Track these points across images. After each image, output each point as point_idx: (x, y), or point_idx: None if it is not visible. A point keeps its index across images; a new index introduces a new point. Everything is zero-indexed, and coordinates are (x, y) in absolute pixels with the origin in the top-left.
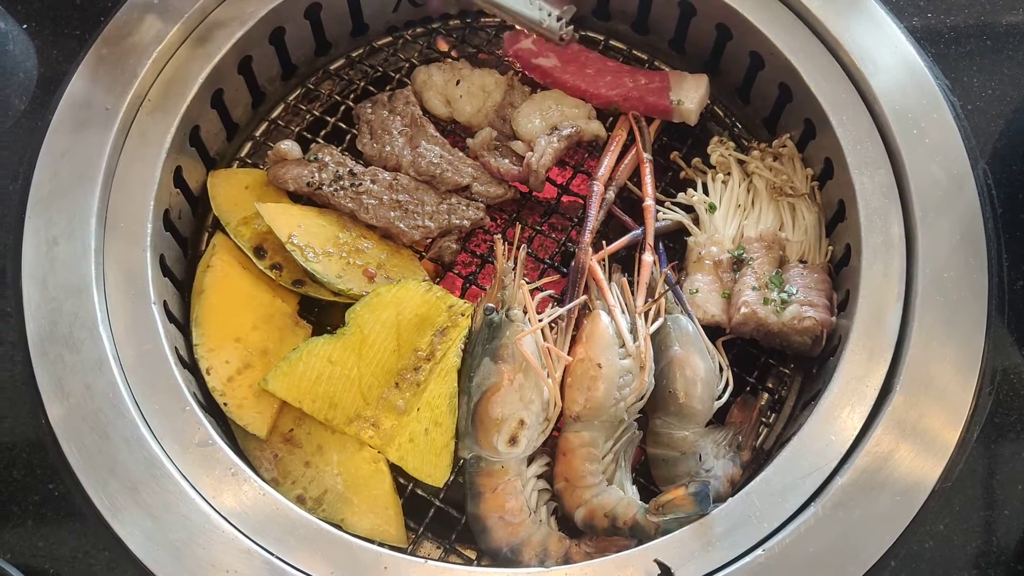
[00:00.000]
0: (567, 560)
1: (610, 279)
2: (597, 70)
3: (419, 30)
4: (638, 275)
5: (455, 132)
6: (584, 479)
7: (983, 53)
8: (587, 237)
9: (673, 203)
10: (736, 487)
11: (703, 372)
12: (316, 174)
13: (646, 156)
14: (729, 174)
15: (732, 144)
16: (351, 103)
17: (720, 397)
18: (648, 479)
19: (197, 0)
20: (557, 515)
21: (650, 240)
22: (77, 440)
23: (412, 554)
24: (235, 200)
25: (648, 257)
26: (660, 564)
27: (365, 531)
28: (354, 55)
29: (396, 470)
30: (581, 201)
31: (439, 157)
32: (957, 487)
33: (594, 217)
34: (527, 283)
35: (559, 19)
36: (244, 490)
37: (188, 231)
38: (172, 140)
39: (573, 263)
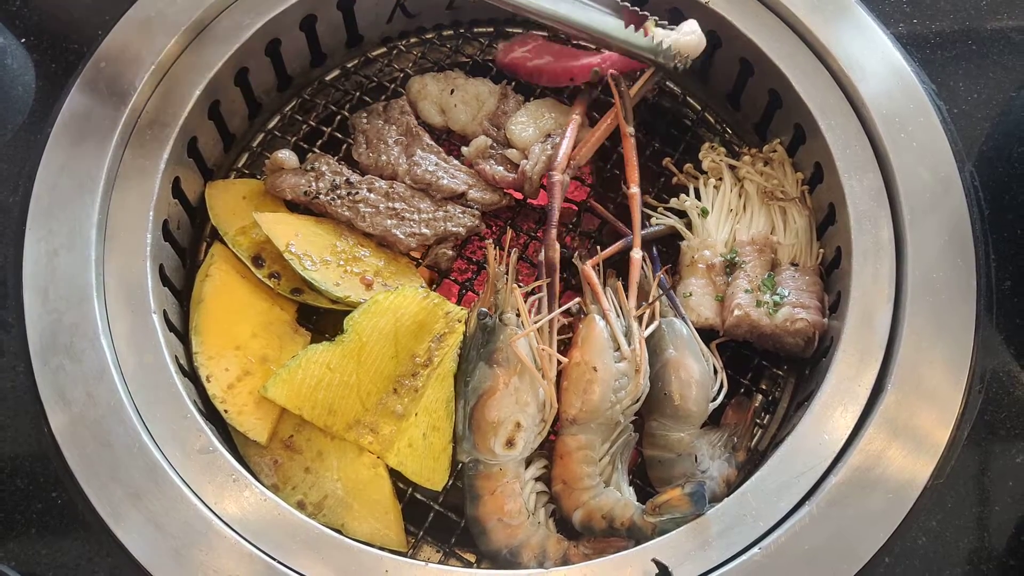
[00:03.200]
0: (565, 561)
1: (604, 283)
2: (585, 51)
3: (413, 40)
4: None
5: (450, 141)
6: (581, 481)
7: (968, 58)
8: (552, 232)
9: (666, 208)
10: (731, 487)
11: (698, 374)
12: (313, 183)
13: (629, 130)
14: (721, 179)
15: (723, 150)
16: (347, 113)
17: (715, 399)
18: (645, 480)
19: (193, 13)
20: (555, 517)
21: (637, 230)
22: (79, 449)
23: (412, 558)
24: (233, 210)
25: (636, 254)
26: (658, 564)
27: (365, 535)
28: (349, 66)
29: (395, 475)
30: (575, 207)
31: (435, 165)
32: (949, 484)
33: (557, 209)
34: (520, 287)
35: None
36: (245, 496)
37: (187, 241)
38: (170, 152)
39: (540, 258)
